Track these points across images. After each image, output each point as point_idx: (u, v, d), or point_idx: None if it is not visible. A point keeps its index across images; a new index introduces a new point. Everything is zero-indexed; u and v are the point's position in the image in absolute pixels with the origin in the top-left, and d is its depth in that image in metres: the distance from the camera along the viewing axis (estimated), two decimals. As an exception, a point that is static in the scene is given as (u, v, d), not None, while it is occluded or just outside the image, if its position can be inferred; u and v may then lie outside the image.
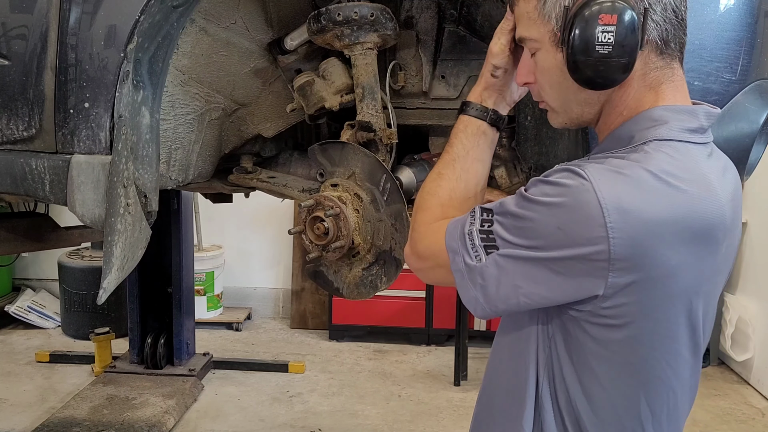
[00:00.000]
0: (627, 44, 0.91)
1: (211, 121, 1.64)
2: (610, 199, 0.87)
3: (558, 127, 1.09)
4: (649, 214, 0.87)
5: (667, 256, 0.89)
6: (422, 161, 1.61)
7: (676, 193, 0.89)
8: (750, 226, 4.08)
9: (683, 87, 1.00)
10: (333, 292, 1.57)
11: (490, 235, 0.94)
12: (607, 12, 0.90)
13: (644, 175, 0.89)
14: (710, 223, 0.92)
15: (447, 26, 1.63)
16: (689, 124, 0.96)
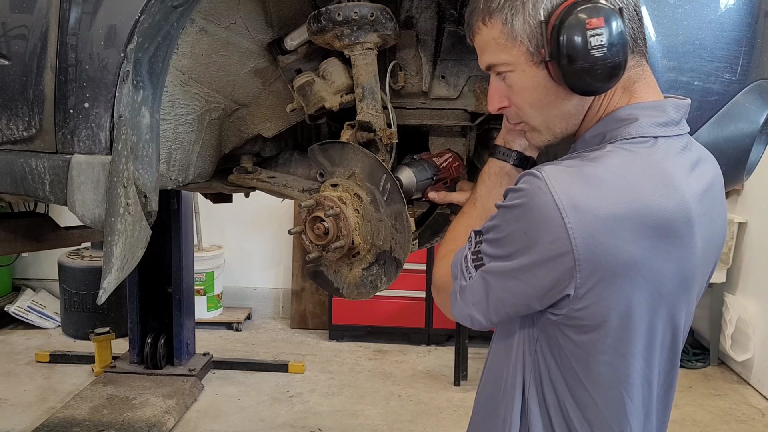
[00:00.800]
0: (618, 43, 0.92)
1: (211, 121, 1.64)
2: (566, 199, 0.88)
3: (540, 146, 1.10)
4: (605, 211, 0.88)
5: (628, 251, 0.90)
6: (422, 161, 1.61)
7: (629, 188, 0.90)
8: (750, 226, 4.08)
9: (653, 82, 1.01)
10: (333, 292, 1.57)
11: (479, 254, 1.00)
12: (592, 16, 0.91)
13: (598, 172, 0.91)
14: (669, 217, 0.92)
15: (447, 26, 1.63)
16: (658, 119, 0.97)
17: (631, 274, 0.91)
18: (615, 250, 0.89)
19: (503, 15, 0.96)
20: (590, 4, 0.91)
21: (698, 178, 1.00)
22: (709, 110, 1.31)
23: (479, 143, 1.78)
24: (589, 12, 0.91)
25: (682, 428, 3.43)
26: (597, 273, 0.90)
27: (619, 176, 0.91)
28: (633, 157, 0.94)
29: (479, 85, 1.64)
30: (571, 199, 0.88)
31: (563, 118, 1.02)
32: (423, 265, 4.41)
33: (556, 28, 0.92)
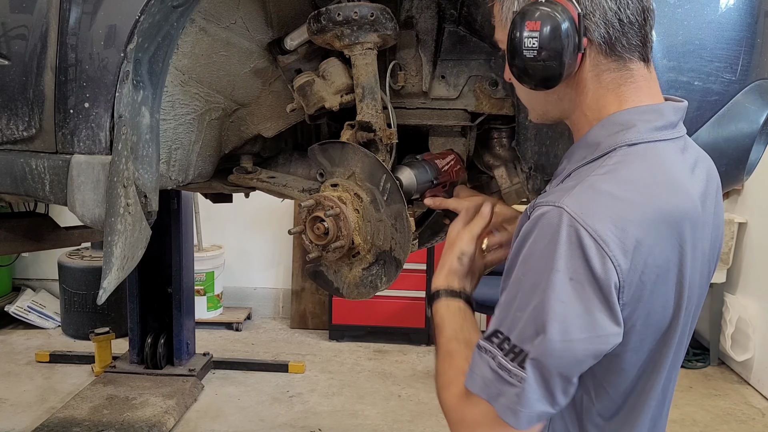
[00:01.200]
0: (551, 49, 0.95)
1: (211, 121, 1.64)
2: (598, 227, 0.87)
3: (535, 121, 1.14)
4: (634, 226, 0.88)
5: (662, 257, 0.91)
6: (424, 162, 1.60)
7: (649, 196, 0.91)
8: (750, 226, 4.08)
9: (648, 86, 1.01)
10: (333, 292, 1.57)
11: (514, 347, 0.90)
12: (531, 19, 0.95)
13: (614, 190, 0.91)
14: (688, 217, 0.94)
15: (447, 26, 1.63)
16: (656, 123, 0.98)
17: (669, 276, 0.92)
18: (651, 260, 0.90)
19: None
20: (538, 8, 0.95)
21: (698, 179, 1.01)
22: (709, 110, 1.31)
23: (479, 143, 1.78)
24: (531, 15, 0.95)
25: (682, 428, 3.43)
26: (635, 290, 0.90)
27: (633, 187, 0.91)
28: (638, 164, 0.94)
29: (479, 85, 1.64)
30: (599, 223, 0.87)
31: (538, 102, 1.07)
32: (423, 265, 4.41)
33: (513, 22, 0.99)
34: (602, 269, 0.86)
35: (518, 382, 0.89)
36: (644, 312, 0.91)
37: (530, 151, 1.58)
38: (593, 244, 0.86)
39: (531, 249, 0.91)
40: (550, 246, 0.88)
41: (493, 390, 0.91)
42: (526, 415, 0.89)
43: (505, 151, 1.74)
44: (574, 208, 0.88)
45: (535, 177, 1.65)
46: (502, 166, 1.74)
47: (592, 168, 0.96)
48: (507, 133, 1.73)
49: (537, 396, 0.89)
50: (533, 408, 0.89)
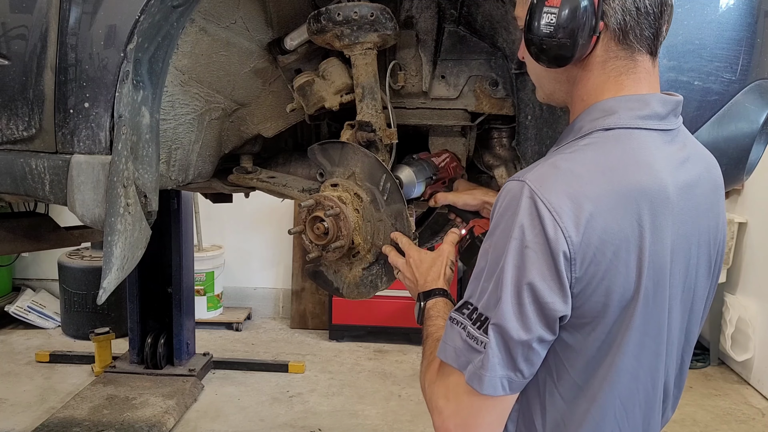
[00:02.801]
0: (567, 26, 0.96)
1: (211, 121, 1.64)
2: (553, 199, 0.90)
3: (541, 101, 1.15)
4: (589, 201, 0.90)
5: (618, 231, 0.92)
6: (421, 161, 1.61)
7: (606, 174, 0.93)
8: (750, 226, 4.08)
9: (648, 79, 1.02)
10: (333, 292, 1.57)
11: (481, 316, 0.94)
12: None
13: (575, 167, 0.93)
14: (648, 191, 0.94)
15: (447, 26, 1.63)
16: (639, 112, 0.99)
17: (627, 254, 0.93)
18: (606, 236, 0.91)
19: None
20: None
21: (681, 172, 1.01)
22: (709, 110, 1.31)
23: (479, 143, 1.78)
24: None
25: (682, 428, 3.43)
26: (590, 263, 0.91)
27: (594, 166, 0.94)
28: (608, 146, 0.97)
29: (479, 85, 1.64)
30: (554, 196, 0.90)
31: (548, 81, 1.08)
32: (423, 265, 4.40)
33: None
34: (554, 239, 0.89)
35: (483, 348, 0.92)
36: (602, 288, 0.92)
37: (530, 150, 1.58)
38: (548, 215, 0.89)
39: (496, 221, 0.96)
40: (511, 216, 0.93)
41: (463, 359, 0.95)
42: (489, 380, 0.92)
43: (505, 151, 1.74)
44: (534, 181, 0.92)
45: (535, 177, 1.65)
46: (502, 166, 1.74)
47: (564, 148, 1.00)
48: (507, 133, 1.73)
49: (499, 360, 0.92)
50: (496, 372, 0.92)
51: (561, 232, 0.89)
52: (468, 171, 1.76)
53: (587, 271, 0.91)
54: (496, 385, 0.92)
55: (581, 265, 0.90)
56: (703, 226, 1.04)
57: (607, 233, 0.91)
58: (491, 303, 0.93)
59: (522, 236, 0.90)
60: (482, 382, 0.92)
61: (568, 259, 0.89)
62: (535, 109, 1.54)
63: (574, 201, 0.90)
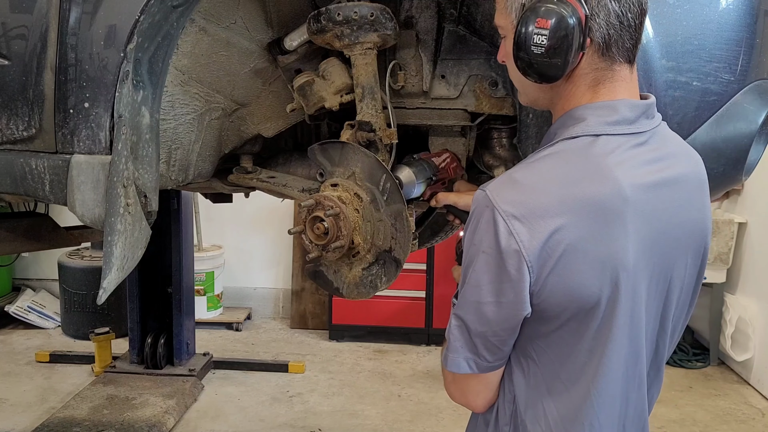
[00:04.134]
0: (558, 48, 0.99)
1: (211, 121, 1.65)
2: (507, 208, 0.97)
3: (524, 104, 1.19)
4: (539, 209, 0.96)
5: (568, 237, 0.96)
6: (422, 161, 1.61)
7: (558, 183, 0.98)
8: (750, 226, 4.08)
9: (625, 86, 1.05)
10: (333, 292, 1.57)
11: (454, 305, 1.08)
12: (542, 17, 0.99)
13: (527, 177, 1.00)
14: (602, 199, 0.97)
15: (447, 26, 1.63)
16: (608, 118, 1.02)
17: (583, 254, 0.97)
18: (558, 236, 0.96)
19: None
20: (552, 6, 0.98)
21: (651, 172, 1.03)
22: (708, 110, 1.31)
23: (479, 143, 1.78)
24: (544, 12, 0.99)
25: (682, 428, 3.43)
26: (546, 266, 0.97)
27: (548, 176, 0.99)
28: (566, 156, 1.01)
29: (479, 84, 1.64)
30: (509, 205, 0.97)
31: (532, 89, 1.11)
32: (423, 265, 4.41)
33: (522, 15, 1.02)
34: (507, 245, 0.96)
35: (450, 333, 1.06)
36: (561, 288, 0.97)
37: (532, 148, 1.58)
38: (502, 223, 0.96)
39: (466, 227, 1.05)
40: (473, 223, 1.02)
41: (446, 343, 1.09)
42: (453, 359, 1.06)
43: (505, 151, 1.74)
44: (493, 191, 1.00)
45: (535, 177, 1.65)
46: (502, 166, 1.74)
47: (528, 158, 1.05)
48: (507, 133, 1.73)
49: (460, 343, 1.05)
50: (458, 353, 1.05)
51: (514, 238, 0.96)
52: (468, 171, 1.76)
53: (542, 273, 0.97)
54: (459, 363, 1.06)
55: (537, 268, 0.96)
56: (683, 219, 1.07)
57: (558, 238, 0.96)
58: (459, 296, 1.05)
59: (481, 242, 0.99)
60: (447, 361, 1.07)
61: (524, 263, 0.96)
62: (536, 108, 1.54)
63: (527, 209, 0.96)
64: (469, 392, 1.12)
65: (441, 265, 4.41)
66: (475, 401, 1.12)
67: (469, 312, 1.02)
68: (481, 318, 1.01)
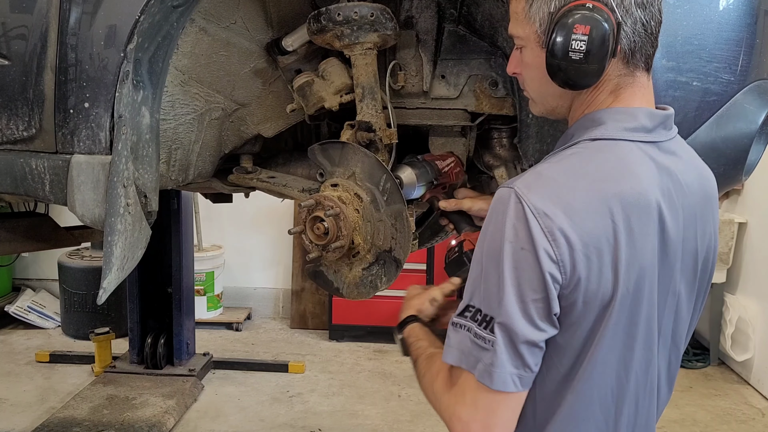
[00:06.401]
0: (597, 53, 1.00)
1: (211, 121, 1.65)
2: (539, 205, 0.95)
3: (537, 114, 1.18)
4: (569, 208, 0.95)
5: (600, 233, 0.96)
6: (424, 162, 1.60)
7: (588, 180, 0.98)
8: (750, 226, 4.08)
9: (642, 93, 1.07)
10: (333, 292, 1.57)
11: (486, 317, 0.98)
12: (581, 23, 0.99)
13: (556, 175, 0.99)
14: (623, 199, 0.97)
15: (447, 26, 1.63)
16: (626, 124, 1.03)
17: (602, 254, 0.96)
18: (585, 236, 0.95)
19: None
20: (588, 12, 0.99)
21: (666, 182, 1.04)
22: (708, 110, 1.31)
23: (479, 143, 1.78)
24: (582, 19, 0.99)
25: (682, 428, 3.44)
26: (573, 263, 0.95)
27: (575, 173, 0.99)
28: (591, 155, 1.01)
29: (479, 84, 1.64)
30: (540, 202, 0.95)
31: (553, 98, 1.10)
32: (423, 265, 4.41)
33: (555, 21, 1.01)
34: (540, 241, 0.94)
35: (491, 347, 0.96)
36: (583, 288, 0.96)
37: (532, 148, 1.58)
38: (533, 218, 0.94)
39: (487, 225, 1.01)
40: (501, 220, 0.97)
41: (471, 359, 0.98)
42: (500, 376, 0.95)
43: (505, 151, 1.74)
44: (521, 187, 0.97)
45: (535, 176, 1.65)
46: (502, 166, 1.74)
47: (551, 156, 1.05)
48: (507, 133, 1.73)
49: (507, 357, 0.95)
50: (506, 368, 0.95)
51: (545, 235, 0.94)
52: (468, 171, 1.76)
53: (570, 271, 0.95)
54: (506, 380, 0.96)
55: (565, 266, 0.95)
56: (691, 234, 1.08)
57: (585, 236, 0.95)
58: (494, 303, 0.96)
59: (515, 238, 0.95)
60: (492, 378, 0.95)
61: (554, 261, 0.94)
62: (535, 109, 1.54)
63: (556, 205, 0.95)
64: (497, 419, 0.98)
65: (441, 265, 4.40)
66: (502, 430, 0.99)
67: (516, 316, 0.94)
68: (529, 319, 0.95)
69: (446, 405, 1.03)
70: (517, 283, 0.95)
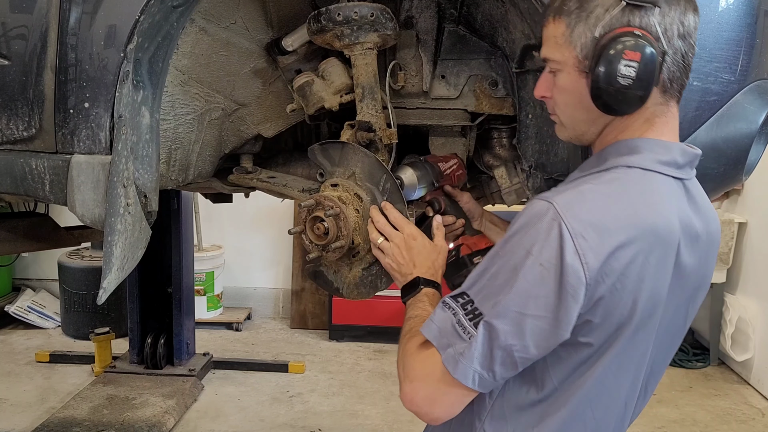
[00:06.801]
0: (644, 80, 1.00)
1: (211, 121, 1.65)
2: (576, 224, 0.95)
3: (564, 139, 1.17)
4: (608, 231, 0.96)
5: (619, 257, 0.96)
6: (426, 164, 1.60)
7: (627, 207, 0.99)
8: (750, 226, 4.08)
9: (674, 124, 1.08)
10: (333, 292, 1.57)
11: (475, 310, 1.00)
12: (631, 49, 0.99)
13: (598, 197, 0.99)
14: (657, 232, 0.99)
15: (447, 26, 1.63)
16: (661, 157, 1.05)
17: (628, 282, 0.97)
18: (617, 264, 0.96)
19: (570, 19, 1.04)
20: (638, 40, 0.99)
21: (688, 220, 1.06)
22: (708, 110, 1.31)
23: (479, 143, 1.78)
24: (632, 45, 0.99)
25: (682, 428, 3.43)
26: (598, 290, 0.96)
27: (616, 200, 0.99)
28: (629, 184, 1.02)
29: (479, 84, 1.64)
30: (579, 223, 0.95)
31: (587, 124, 1.10)
32: (423, 265, 4.41)
33: (602, 46, 1.01)
34: (571, 264, 0.93)
35: (468, 339, 0.98)
36: (600, 310, 0.97)
37: (531, 149, 1.58)
38: (569, 240, 0.94)
39: (514, 231, 1.00)
40: (531, 232, 0.97)
41: (444, 340, 1.01)
42: (463, 368, 0.98)
43: (505, 151, 1.74)
44: (561, 205, 0.97)
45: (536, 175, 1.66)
46: (502, 166, 1.74)
47: (590, 178, 1.05)
48: (507, 133, 1.73)
49: (478, 355, 0.97)
50: (472, 364, 0.98)
51: (579, 258, 0.93)
52: (468, 171, 1.76)
53: (596, 297, 0.96)
54: (467, 374, 0.98)
55: (592, 292, 0.95)
56: (698, 273, 1.10)
57: (615, 262, 0.96)
58: (489, 302, 0.98)
59: (540, 254, 0.95)
60: (456, 367, 0.98)
61: (582, 285, 0.94)
62: (536, 108, 1.54)
63: (596, 230, 0.95)
64: (442, 401, 1.02)
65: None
66: (440, 413, 1.03)
67: (506, 321, 0.96)
68: (518, 330, 0.96)
69: (408, 365, 1.06)
70: (525, 296, 0.95)
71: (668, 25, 1.00)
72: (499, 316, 0.96)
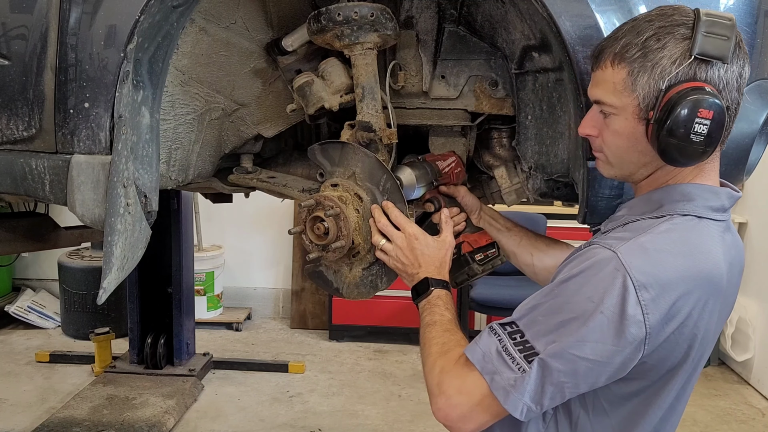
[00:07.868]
0: (714, 137, 1.01)
1: (211, 121, 1.64)
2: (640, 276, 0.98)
3: (606, 176, 1.18)
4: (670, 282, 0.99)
5: (679, 308, 1.00)
6: (425, 163, 1.60)
7: (687, 258, 1.02)
8: (750, 225, 4.08)
9: (715, 167, 1.11)
10: (333, 292, 1.57)
11: (526, 343, 1.02)
12: (706, 108, 0.99)
13: (661, 248, 1.02)
14: (710, 279, 1.04)
15: (447, 26, 1.63)
16: (712, 203, 1.08)
17: (686, 330, 1.02)
18: (678, 314, 1.00)
19: (632, 67, 1.04)
20: (710, 99, 0.99)
21: (729, 259, 1.10)
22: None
23: (479, 143, 1.78)
24: (706, 103, 0.99)
25: (682, 428, 3.43)
26: (659, 337, 1.00)
27: (676, 252, 1.02)
28: (686, 233, 1.05)
29: (479, 85, 1.64)
30: (642, 275, 0.98)
31: (637, 167, 1.12)
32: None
33: (672, 100, 1.00)
34: (633, 314, 0.97)
35: (519, 372, 1.01)
36: (657, 354, 1.02)
37: (530, 150, 1.58)
38: (633, 292, 0.97)
39: (575, 273, 1.02)
40: (594, 279, 1.00)
41: (489, 366, 1.03)
42: (514, 400, 1.01)
43: (505, 151, 1.74)
44: (627, 256, 1.00)
45: (535, 176, 1.66)
46: (502, 166, 1.74)
47: (648, 224, 1.07)
48: (507, 133, 1.73)
49: (530, 389, 1.00)
50: (523, 397, 1.00)
51: (641, 309, 0.97)
52: (468, 171, 1.76)
53: (654, 346, 1.00)
54: (517, 406, 1.01)
55: (652, 342, 0.99)
56: (731, 307, 1.15)
57: (675, 311, 0.99)
58: (543, 339, 1.01)
59: (602, 302, 0.97)
60: (508, 398, 1.01)
61: (642, 335, 0.98)
62: (535, 109, 1.54)
63: (658, 283, 0.98)
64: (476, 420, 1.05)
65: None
66: (471, 429, 1.06)
67: (562, 362, 0.99)
68: (572, 370, 0.99)
69: (443, 380, 1.08)
70: (583, 340, 0.98)
71: (729, 78, 1.02)
72: (555, 356, 0.99)
